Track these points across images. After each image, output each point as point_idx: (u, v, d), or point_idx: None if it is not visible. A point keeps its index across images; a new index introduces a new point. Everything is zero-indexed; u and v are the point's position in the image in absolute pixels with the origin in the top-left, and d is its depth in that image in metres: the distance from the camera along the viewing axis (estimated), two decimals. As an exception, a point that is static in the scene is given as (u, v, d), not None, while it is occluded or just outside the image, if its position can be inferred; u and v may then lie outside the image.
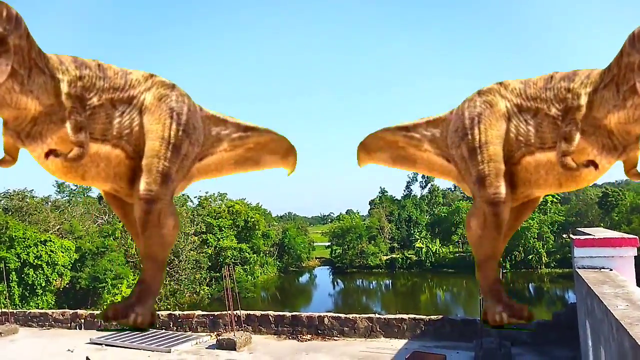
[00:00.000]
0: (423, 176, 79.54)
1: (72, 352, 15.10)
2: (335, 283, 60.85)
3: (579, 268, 9.61)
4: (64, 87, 2.29)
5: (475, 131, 2.53)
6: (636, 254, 9.46)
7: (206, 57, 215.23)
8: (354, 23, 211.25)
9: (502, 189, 2.48)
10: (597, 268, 9.41)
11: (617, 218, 55.66)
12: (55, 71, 2.27)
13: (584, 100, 2.32)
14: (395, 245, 68.68)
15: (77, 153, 2.32)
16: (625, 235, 10.01)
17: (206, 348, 15.10)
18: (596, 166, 2.35)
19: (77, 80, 2.34)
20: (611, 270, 9.25)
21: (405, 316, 15.51)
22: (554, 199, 59.81)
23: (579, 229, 13.81)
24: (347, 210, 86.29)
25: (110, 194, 2.80)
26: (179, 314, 17.90)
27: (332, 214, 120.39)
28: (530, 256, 55.12)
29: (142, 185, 2.45)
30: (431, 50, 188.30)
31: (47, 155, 2.33)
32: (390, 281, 59.56)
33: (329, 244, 71.07)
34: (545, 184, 2.54)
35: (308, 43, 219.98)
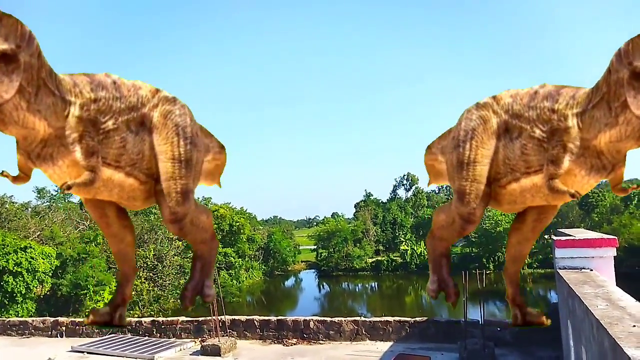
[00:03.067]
0: (407, 178, 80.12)
1: (52, 360, 14.81)
2: (321, 286, 60.76)
3: (560, 269, 9.75)
4: (76, 111, 2.28)
5: (467, 146, 2.57)
6: (615, 254, 9.63)
7: (196, 61, 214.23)
8: (335, 32, 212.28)
9: (478, 212, 2.61)
10: (578, 268, 9.55)
11: (597, 219, 56.70)
12: (66, 93, 2.26)
13: (571, 122, 2.31)
14: (381, 247, 68.93)
15: (88, 178, 2.31)
16: (605, 236, 10.19)
17: (190, 354, 14.93)
18: (579, 194, 2.40)
19: (91, 103, 2.33)
20: (591, 270, 9.40)
21: (390, 318, 15.55)
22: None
23: (560, 230, 14.02)
24: (333, 213, 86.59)
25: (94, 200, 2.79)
26: (162, 320, 17.69)
27: (317, 217, 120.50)
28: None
29: (166, 211, 2.58)
30: (419, 55, 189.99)
31: (61, 187, 2.35)
32: (375, 284, 59.70)
33: (315, 247, 71.01)
34: (532, 203, 2.61)
35: (294, 48, 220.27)
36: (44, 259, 32.45)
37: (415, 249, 63.08)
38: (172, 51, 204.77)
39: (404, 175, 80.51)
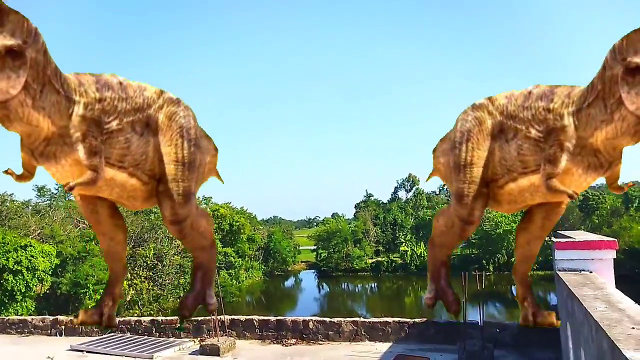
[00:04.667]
0: (408, 179, 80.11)
1: (52, 359, 14.80)
2: (321, 287, 60.76)
3: (560, 270, 9.75)
4: (80, 110, 2.28)
5: (463, 148, 2.58)
6: (615, 256, 9.62)
7: (196, 60, 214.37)
8: (339, 28, 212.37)
9: (477, 213, 2.62)
10: (578, 270, 9.55)
11: (597, 221, 56.71)
12: (71, 92, 2.26)
13: (567, 121, 2.32)
14: (381, 248, 68.92)
15: (91, 177, 2.32)
16: (605, 238, 10.18)
17: (189, 354, 14.94)
18: (575, 197, 2.40)
19: (96, 103, 2.34)
20: (591, 272, 9.40)
21: (389, 319, 15.55)
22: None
23: (560, 232, 14.01)
24: (333, 213, 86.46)
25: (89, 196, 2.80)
26: (161, 320, 17.69)
27: (317, 218, 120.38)
28: (513, 259, 55.34)
29: (168, 212, 2.59)
30: (422, 56, 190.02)
31: (64, 187, 2.36)
32: (375, 284, 59.71)
33: (315, 247, 71.00)
34: (532, 202, 2.61)
35: (297, 48, 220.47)
36: (44, 258, 32.46)
37: (415, 250, 63.07)
38: (169, 51, 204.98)
39: (406, 177, 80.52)
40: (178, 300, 42.63)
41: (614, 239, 10.02)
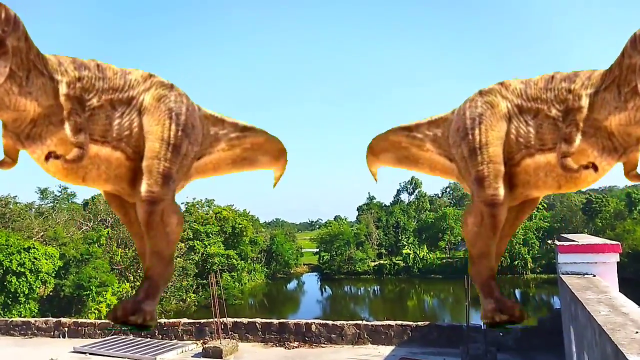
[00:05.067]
0: (411, 182, 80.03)
1: (55, 361, 14.85)
2: (323, 289, 60.70)
3: (563, 274, 9.73)
4: (63, 89, 2.29)
5: (476, 132, 2.54)
6: (618, 260, 9.60)
7: (197, 62, 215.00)
8: (342, 29, 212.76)
9: (501, 191, 2.50)
10: (581, 274, 9.52)
11: (600, 224, 56.50)
12: (53, 72, 2.27)
13: (584, 102, 2.32)
14: (383, 251, 68.79)
15: (77, 154, 2.32)
16: (608, 242, 10.17)
17: (192, 356, 14.95)
18: (596, 168, 2.36)
19: (76, 81, 2.34)
20: (594, 276, 9.37)
21: (392, 322, 15.52)
22: (540, 206, 60.48)
23: (563, 235, 13.99)
24: (335, 216, 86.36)
25: (110, 194, 2.81)
26: (164, 322, 17.70)
27: (320, 220, 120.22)
28: (516, 262, 55.63)
29: (144, 187, 2.47)
30: (424, 57, 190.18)
31: (47, 157, 2.33)
32: (378, 287, 59.60)
33: (317, 250, 70.91)
34: (544, 185, 2.55)
35: (297, 49, 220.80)
36: (47, 260, 32.55)
37: (418, 252, 62.95)
38: (169, 52, 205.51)
39: (408, 180, 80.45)
40: (181, 302, 42.83)
41: (618, 242, 10.00)
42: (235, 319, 17.02)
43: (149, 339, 16.81)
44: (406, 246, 65.09)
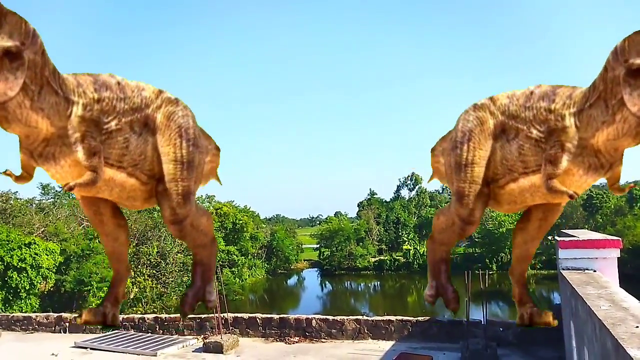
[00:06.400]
0: (411, 178, 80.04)
1: (56, 356, 14.88)
2: (324, 285, 60.80)
3: (564, 269, 9.73)
4: (79, 110, 2.28)
5: (465, 147, 2.57)
6: (619, 255, 9.60)
7: (198, 54, 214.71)
8: (340, 29, 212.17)
9: (477, 213, 2.63)
10: (581, 269, 9.53)
11: (601, 220, 56.56)
12: (70, 93, 2.26)
13: (569, 122, 2.31)
14: (384, 247, 68.88)
15: (90, 178, 2.32)
16: (609, 237, 10.15)
17: (193, 351, 14.99)
18: (575, 197, 2.40)
19: (95, 104, 2.33)
20: (595, 271, 9.37)
21: (392, 317, 15.55)
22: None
23: (564, 230, 13.98)
24: (336, 212, 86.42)
25: (89, 199, 2.78)
26: (165, 317, 17.75)
27: (320, 216, 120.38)
28: (515, 258, 55.65)
29: (168, 212, 2.60)
30: (426, 53, 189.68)
31: (65, 189, 2.37)
32: (378, 283, 59.69)
33: (318, 246, 71.01)
34: (532, 202, 2.61)
35: (298, 44, 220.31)
36: (47, 255, 32.58)
37: (418, 248, 63.02)
38: (173, 47, 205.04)
39: (409, 176, 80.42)
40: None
41: (618, 238, 9.99)
42: (236, 314, 17.07)
43: (149, 334, 16.86)
44: (406, 242, 65.18)
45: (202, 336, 16.37)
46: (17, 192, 44.78)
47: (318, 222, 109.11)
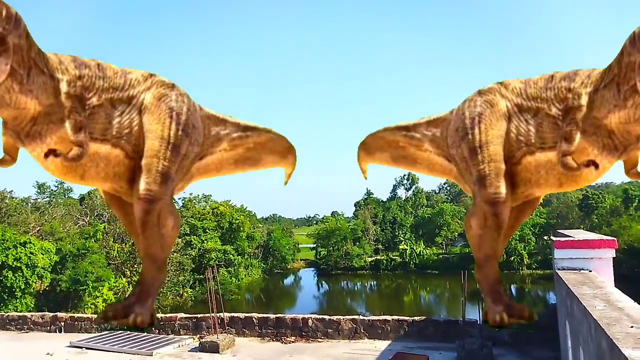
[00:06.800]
0: (408, 178, 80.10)
1: (51, 355, 14.82)
2: (320, 285, 60.78)
3: (559, 269, 9.76)
4: (64, 87, 2.29)
5: (476, 131, 2.54)
6: (614, 255, 9.63)
7: (193, 47, 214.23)
8: (341, 28, 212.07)
9: (502, 189, 2.49)
10: (577, 269, 9.56)
11: (597, 220, 56.70)
12: (54, 71, 2.27)
13: (584, 100, 2.32)
14: (380, 247, 68.93)
15: (77, 152, 2.32)
16: (604, 237, 10.19)
17: (189, 351, 14.96)
18: (597, 166, 2.36)
19: (77, 80, 2.34)
20: (590, 271, 9.41)
21: (389, 317, 15.57)
22: (536, 201, 60.48)
23: (560, 230, 14.03)
24: (332, 212, 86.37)
25: (109, 194, 2.80)
26: (161, 317, 17.70)
27: (317, 216, 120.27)
28: (512, 257, 55.81)
29: (142, 185, 2.47)
30: (425, 50, 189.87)
31: (46, 155, 2.33)
32: (374, 283, 59.71)
33: (314, 245, 70.97)
34: (545, 183, 2.54)
35: (295, 40, 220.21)
36: (43, 255, 32.44)
37: (415, 248, 63.09)
38: (169, 37, 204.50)
39: (405, 175, 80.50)
40: (177, 297, 42.83)
41: (613, 238, 10.03)
42: (232, 314, 17.04)
43: (145, 334, 16.80)
44: (403, 242, 65.22)
45: (198, 336, 16.33)
46: (12, 191, 44.68)
47: (315, 222, 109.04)
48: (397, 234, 67.61)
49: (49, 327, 18.37)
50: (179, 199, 54.94)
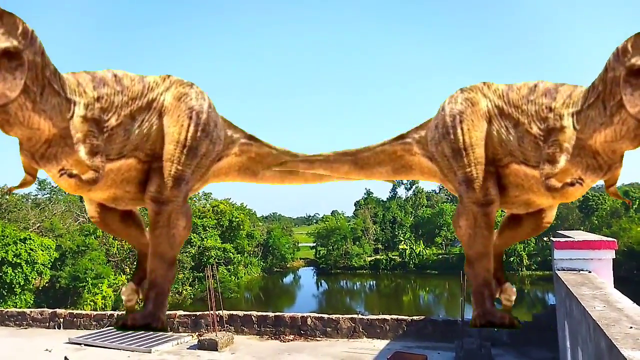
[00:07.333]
0: (408, 178, 80.00)
1: (50, 352, 14.83)
2: (319, 284, 60.81)
3: (559, 270, 9.75)
4: (80, 110, 2.27)
5: (458, 131, 2.52)
6: (614, 257, 9.62)
7: (202, 53, 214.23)
8: (341, 28, 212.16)
9: (492, 190, 2.54)
10: (577, 270, 9.55)
11: (597, 222, 56.67)
12: (71, 93, 2.24)
13: (567, 122, 2.30)
14: (380, 246, 68.93)
15: (92, 177, 2.32)
16: (604, 238, 10.19)
17: (187, 348, 14.96)
18: (581, 183, 2.36)
19: (95, 102, 2.33)
20: (590, 272, 9.40)
21: (387, 317, 15.56)
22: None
23: (560, 231, 14.02)
24: (332, 211, 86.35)
25: (101, 211, 2.79)
26: (160, 314, 17.67)
27: (317, 215, 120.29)
28: (512, 258, 55.76)
29: (153, 187, 2.53)
30: (423, 53, 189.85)
31: (60, 173, 2.32)
32: (374, 282, 59.73)
33: (314, 244, 70.98)
34: (539, 191, 2.55)
35: (296, 43, 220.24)
36: (43, 251, 32.48)
37: (414, 248, 63.10)
38: (177, 42, 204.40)
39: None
40: (177, 295, 42.83)
41: (613, 239, 10.02)
42: (231, 312, 17.03)
43: (144, 331, 16.77)
44: (403, 242, 65.21)
45: (197, 333, 16.33)
46: (12, 187, 44.60)
47: (314, 221, 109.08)
48: (396, 233, 67.60)
49: (47, 324, 18.37)
50: (179, 196, 54.80)
